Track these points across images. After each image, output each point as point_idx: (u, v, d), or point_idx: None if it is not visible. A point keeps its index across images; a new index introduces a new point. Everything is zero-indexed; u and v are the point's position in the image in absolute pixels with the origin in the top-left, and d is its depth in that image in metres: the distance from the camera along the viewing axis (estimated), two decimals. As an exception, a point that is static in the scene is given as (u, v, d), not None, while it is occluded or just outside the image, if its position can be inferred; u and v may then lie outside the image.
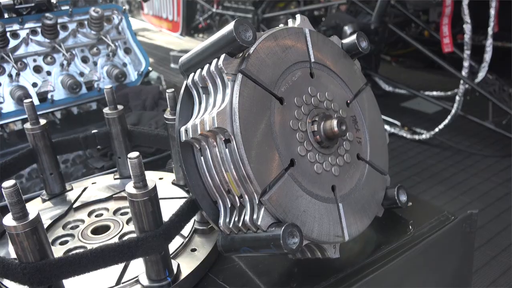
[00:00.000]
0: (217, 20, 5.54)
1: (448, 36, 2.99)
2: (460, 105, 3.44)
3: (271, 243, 0.71)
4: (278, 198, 0.74)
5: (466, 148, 3.73)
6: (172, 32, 6.39)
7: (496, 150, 3.68)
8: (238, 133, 0.72)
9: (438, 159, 3.67)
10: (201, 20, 5.84)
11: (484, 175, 3.43)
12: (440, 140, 3.78)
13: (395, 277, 0.93)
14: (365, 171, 0.92)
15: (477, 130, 3.91)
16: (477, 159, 3.62)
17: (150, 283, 0.82)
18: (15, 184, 0.68)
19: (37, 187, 1.43)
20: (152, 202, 0.76)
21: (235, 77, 0.76)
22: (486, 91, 3.27)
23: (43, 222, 1.01)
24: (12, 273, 0.71)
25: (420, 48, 3.26)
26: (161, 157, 1.41)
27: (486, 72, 3.29)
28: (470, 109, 3.66)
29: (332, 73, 0.92)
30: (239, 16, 5.21)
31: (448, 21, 2.97)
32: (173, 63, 5.61)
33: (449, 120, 3.51)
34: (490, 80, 3.35)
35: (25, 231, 0.69)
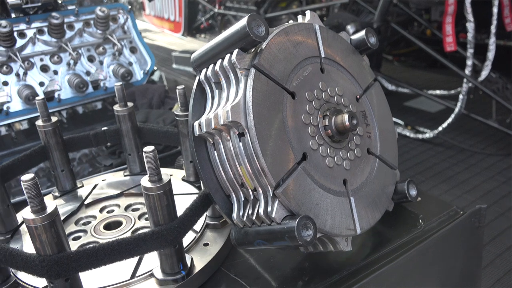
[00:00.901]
0: (219, 20, 5.55)
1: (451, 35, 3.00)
2: (463, 104, 3.45)
3: (286, 235, 0.72)
4: (292, 191, 0.75)
5: (469, 147, 3.74)
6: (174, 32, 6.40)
7: (500, 148, 3.68)
8: (252, 126, 0.73)
9: (441, 157, 3.68)
10: (203, 21, 5.85)
11: (487, 173, 3.43)
12: (443, 139, 3.78)
13: (406, 271, 0.94)
14: (375, 166, 0.93)
15: (480, 128, 3.92)
16: (481, 158, 3.63)
17: (164, 276, 0.83)
18: (34, 178, 0.69)
19: (43, 186, 1.45)
20: (167, 196, 0.77)
21: (248, 72, 0.77)
22: (489, 89, 3.27)
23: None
24: (30, 266, 0.72)
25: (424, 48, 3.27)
26: (169, 154, 1.42)
27: (489, 71, 3.29)
28: (473, 108, 3.67)
29: (342, 68, 0.93)
30: (241, 16, 5.23)
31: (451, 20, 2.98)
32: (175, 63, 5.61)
33: (453, 119, 3.52)
34: (493, 79, 3.36)
35: (43, 224, 0.69)
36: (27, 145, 1.73)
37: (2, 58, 1.73)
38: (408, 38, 3.68)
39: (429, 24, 4.28)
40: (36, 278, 0.85)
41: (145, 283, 0.84)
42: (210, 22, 5.82)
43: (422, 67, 5.46)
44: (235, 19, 5.24)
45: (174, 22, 6.30)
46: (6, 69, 1.73)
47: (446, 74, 4.87)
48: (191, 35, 6.05)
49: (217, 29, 5.64)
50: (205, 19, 5.80)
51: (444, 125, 3.61)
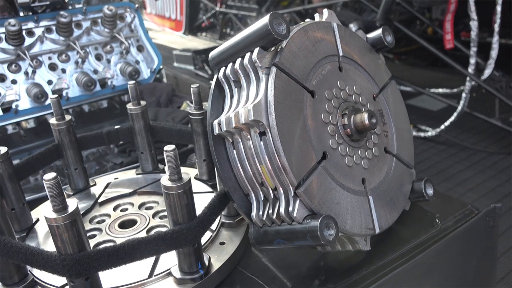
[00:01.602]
0: (221, 19, 5.54)
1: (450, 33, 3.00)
2: (466, 102, 3.45)
3: (308, 235, 0.72)
4: (313, 190, 0.75)
5: (471, 145, 3.74)
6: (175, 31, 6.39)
7: (502, 147, 3.69)
8: (274, 125, 0.72)
9: (444, 156, 3.68)
10: (204, 19, 5.84)
11: (490, 172, 3.44)
12: (446, 137, 3.79)
13: (423, 271, 0.94)
14: (392, 165, 0.93)
15: (482, 127, 3.92)
16: (483, 156, 3.63)
17: (183, 275, 0.83)
18: (56, 177, 0.69)
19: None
20: (187, 195, 0.77)
21: (269, 70, 0.77)
22: (492, 87, 3.28)
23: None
24: (51, 265, 0.72)
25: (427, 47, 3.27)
26: (180, 153, 1.41)
27: (492, 69, 3.30)
28: (476, 106, 3.67)
29: (359, 67, 0.93)
30: (242, 15, 5.22)
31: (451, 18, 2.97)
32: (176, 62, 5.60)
33: (455, 117, 3.53)
34: (496, 77, 3.36)
35: (65, 223, 0.69)
36: (35, 143, 1.73)
37: (10, 57, 1.72)
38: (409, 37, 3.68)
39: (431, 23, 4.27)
40: (53, 277, 0.84)
41: (163, 282, 0.84)
42: (212, 21, 5.81)
43: (423, 66, 5.46)
44: (236, 17, 5.23)
45: (175, 20, 6.29)
46: (14, 67, 1.72)
47: (447, 72, 4.87)
48: (192, 33, 6.04)
49: (219, 27, 5.63)
50: (206, 17, 5.79)
51: (446, 123, 3.62)
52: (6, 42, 1.71)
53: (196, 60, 5.73)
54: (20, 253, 0.74)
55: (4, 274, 0.83)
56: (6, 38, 1.71)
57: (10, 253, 0.75)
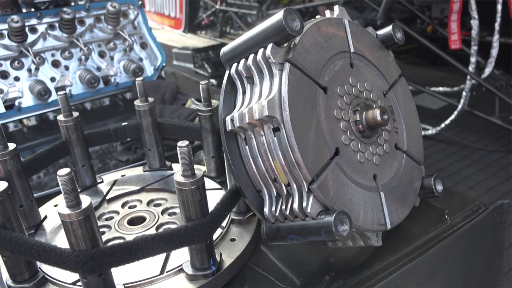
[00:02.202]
0: (221, 17, 5.53)
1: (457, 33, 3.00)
2: (466, 100, 3.46)
3: (322, 230, 0.72)
4: (327, 186, 0.75)
5: (471, 143, 3.75)
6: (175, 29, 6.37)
7: (502, 145, 3.69)
8: (288, 121, 0.72)
9: (444, 154, 3.69)
10: (204, 17, 5.82)
11: (490, 170, 3.44)
12: (446, 135, 3.79)
13: (433, 266, 0.94)
14: (402, 161, 0.93)
15: (482, 125, 3.93)
16: (483, 154, 3.64)
17: (195, 271, 0.83)
18: (70, 173, 0.68)
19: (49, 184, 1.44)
20: (200, 191, 0.77)
21: (282, 66, 0.76)
22: (493, 86, 3.28)
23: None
24: (64, 261, 0.71)
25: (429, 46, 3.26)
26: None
27: (492, 68, 3.30)
28: (475, 105, 3.68)
29: (370, 64, 0.93)
30: (243, 13, 5.22)
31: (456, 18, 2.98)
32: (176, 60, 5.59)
33: (456, 115, 3.53)
34: (496, 76, 3.37)
35: (79, 219, 0.69)
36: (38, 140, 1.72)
37: (13, 53, 1.72)
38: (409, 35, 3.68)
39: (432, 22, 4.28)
40: (64, 274, 0.84)
41: (175, 279, 0.83)
42: (212, 19, 5.79)
43: (423, 65, 5.46)
44: (237, 16, 5.22)
45: (174, 18, 6.27)
46: (17, 64, 1.72)
47: (446, 71, 4.88)
48: (192, 31, 6.02)
49: (218, 25, 5.61)
50: (206, 15, 5.78)
51: (447, 122, 3.62)
52: (9, 39, 1.71)
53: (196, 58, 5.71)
54: (32, 249, 0.74)
55: (14, 271, 0.82)
56: (9, 35, 1.70)
57: (22, 249, 0.75)
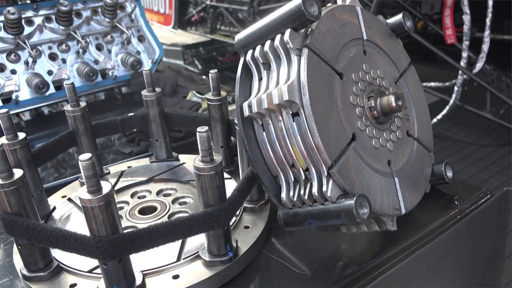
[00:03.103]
0: (211, 13, 5.50)
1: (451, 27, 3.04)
2: (458, 95, 3.50)
3: (342, 214, 0.73)
4: (346, 170, 0.75)
5: (463, 138, 3.80)
6: (164, 25, 6.32)
7: (493, 139, 3.75)
8: (308, 105, 0.73)
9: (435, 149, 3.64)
10: (194, 13, 5.79)
11: (481, 164, 3.49)
12: (437, 130, 3.83)
13: (444, 250, 0.96)
14: (414, 148, 0.94)
15: (473, 120, 3.98)
16: (474, 149, 3.69)
17: (212, 258, 0.83)
18: (91, 158, 0.68)
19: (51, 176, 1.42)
20: (219, 177, 0.77)
21: (300, 52, 0.77)
22: (484, 81, 3.33)
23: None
24: (85, 247, 0.71)
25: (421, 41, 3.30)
26: (191, 142, 1.41)
27: (483, 63, 3.35)
28: (466, 100, 3.73)
29: (381, 51, 0.93)
30: (234, 9, 5.20)
31: (450, 13, 3.01)
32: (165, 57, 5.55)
33: (447, 110, 3.57)
34: (488, 71, 3.42)
35: (100, 204, 0.68)
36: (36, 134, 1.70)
37: (9, 46, 1.69)
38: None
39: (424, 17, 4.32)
40: (79, 262, 0.84)
41: (192, 265, 0.83)
42: (202, 15, 5.76)
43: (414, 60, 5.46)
44: (227, 11, 5.20)
45: (164, 14, 6.23)
46: (14, 57, 1.69)
47: (437, 67, 4.93)
48: (182, 28, 5.98)
49: (209, 21, 5.59)
50: (196, 11, 5.74)
51: (439, 117, 3.66)
52: (5, 31, 1.68)
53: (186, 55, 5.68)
54: (51, 236, 0.73)
55: (29, 260, 0.82)
56: (4, 27, 1.67)
57: (40, 236, 0.74)
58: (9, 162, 0.75)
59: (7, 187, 0.74)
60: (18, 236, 0.76)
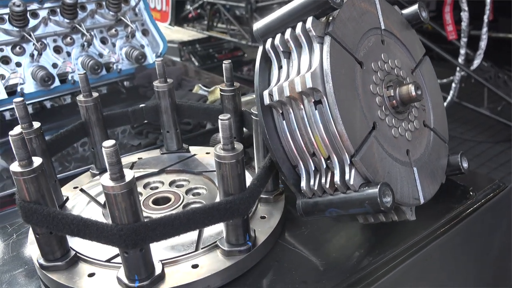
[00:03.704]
0: (208, 9, 5.49)
1: (451, 24, 3.06)
2: (456, 92, 3.52)
3: (366, 202, 0.72)
4: (368, 158, 0.75)
5: (459, 134, 3.83)
6: (161, 22, 6.30)
7: (489, 136, 3.78)
8: (331, 93, 0.72)
9: (433, 145, 3.74)
10: (191, 10, 5.78)
11: (478, 160, 3.52)
12: (435, 127, 3.86)
13: (460, 240, 0.96)
14: (430, 138, 0.94)
15: (470, 117, 4.01)
16: (471, 145, 3.72)
17: (230, 247, 0.82)
18: (115, 144, 0.67)
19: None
20: (239, 165, 0.76)
21: (322, 39, 0.77)
22: (481, 77, 3.35)
23: (99, 195, 1.01)
24: (107, 235, 0.70)
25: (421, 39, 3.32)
26: (199, 134, 1.40)
27: (481, 59, 3.37)
28: (464, 97, 3.75)
29: (398, 41, 0.93)
30: (231, 6, 5.19)
31: (450, 9, 3.03)
32: (163, 53, 5.53)
33: (445, 107, 3.59)
34: (485, 67, 3.44)
35: (122, 192, 0.68)
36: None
37: (14, 39, 1.67)
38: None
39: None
40: (97, 251, 0.83)
41: (210, 255, 0.83)
42: (199, 12, 5.75)
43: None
44: (224, 8, 5.19)
45: (160, 11, 6.20)
46: (19, 49, 1.68)
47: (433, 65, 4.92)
48: (178, 24, 5.96)
49: (206, 18, 5.57)
50: (193, 8, 5.73)
51: (437, 114, 3.68)
52: (10, 24, 1.67)
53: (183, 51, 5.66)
54: (72, 224, 0.72)
55: (46, 249, 0.81)
56: (9, 19, 1.66)
57: (61, 225, 0.73)
58: (29, 150, 0.74)
59: (27, 175, 0.73)
60: (37, 224, 0.75)
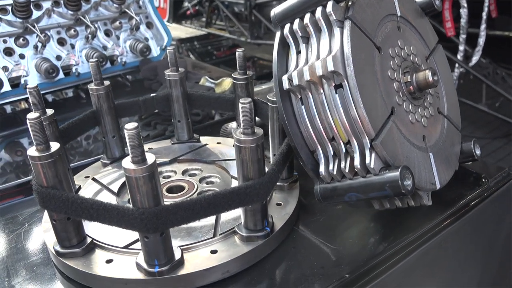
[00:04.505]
0: (207, 6, 5.47)
1: (450, 20, 3.07)
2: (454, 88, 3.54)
3: (386, 185, 0.73)
4: (388, 142, 0.75)
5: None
6: (158, 19, 6.27)
7: (487, 132, 3.80)
8: (353, 76, 0.72)
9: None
10: (190, 7, 5.75)
11: (477, 156, 3.54)
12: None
13: (474, 226, 0.97)
14: (444, 125, 0.94)
15: (468, 113, 4.02)
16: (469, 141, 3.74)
17: (248, 233, 0.82)
18: (137, 127, 0.67)
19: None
20: (260, 150, 0.76)
21: (342, 24, 0.76)
22: (480, 74, 3.37)
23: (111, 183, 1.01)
24: (128, 219, 0.70)
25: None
26: (209, 125, 1.40)
27: (479, 56, 3.39)
28: (463, 93, 3.76)
29: (413, 29, 0.94)
30: (230, 2, 5.17)
31: (449, 6, 3.05)
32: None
33: (445, 103, 3.61)
34: (483, 64, 3.46)
35: (144, 175, 0.67)
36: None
37: (17, 30, 1.66)
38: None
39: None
40: (114, 238, 0.83)
41: (229, 241, 0.83)
42: (197, 8, 5.73)
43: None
44: (223, 5, 5.17)
45: (158, 8, 6.17)
46: (22, 41, 1.66)
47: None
48: (176, 21, 5.94)
49: (205, 15, 5.56)
50: (191, 5, 5.71)
51: (436, 110, 3.70)
52: (13, 15, 1.65)
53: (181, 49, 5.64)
54: (91, 209, 0.72)
55: (62, 236, 0.80)
56: (13, 10, 1.65)
57: (80, 210, 0.72)
58: (46, 135, 0.73)
59: (44, 160, 0.73)
60: (55, 210, 0.75)
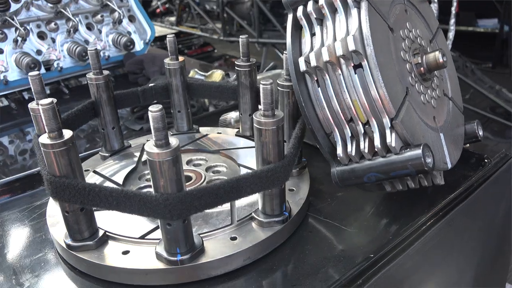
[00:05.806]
0: (177, 4, 5.40)
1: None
2: (427, 81, 3.63)
3: (409, 163, 0.73)
4: (406, 121, 0.76)
5: (430, 123, 3.96)
6: (126, 18, 6.14)
7: (458, 124, 3.93)
8: (373, 55, 0.73)
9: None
10: (159, 5, 5.67)
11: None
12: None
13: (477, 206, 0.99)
14: (450, 107, 0.96)
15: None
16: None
17: (267, 218, 0.81)
18: (162, 109, 0.64)
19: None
20: (280, 132, 0.75)
21: (358, 5, 0.76)
22: (451, 67, 3.48)
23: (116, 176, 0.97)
24: (150, 206, 0.67)
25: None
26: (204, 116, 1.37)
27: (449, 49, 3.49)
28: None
29: (418, 13, 0.95)
30: (201, 0, 5.12)
31: None
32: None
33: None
34: (454, 57, 3.57)
35: (168, 159, 0.65)
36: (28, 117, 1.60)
37: (-5, 23, 1.58)
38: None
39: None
40: (127, 230, 0.80)
41: (247, 227, 0.81)
42: (167, 6, 5.65)
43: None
44: (194, 2, 5.12)
45: (126, 6, 6.04)
46: (1, 35, 1.59)
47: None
48: (146, 20, 5.83)
49: (175, 13, 5.48)
50: (161, 3, 5.62)
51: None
52: (-10, 8, 1.57)
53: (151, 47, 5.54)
54: (110, 197, 0.69)
55: (74, 228, 0.77)
56: (-11, 3, 1.57)
57: (98, 199, 0.69)
58: (59, 121, 0.70)
59: (57, 148, 0.69)
60: (70, 200, 0.71)
